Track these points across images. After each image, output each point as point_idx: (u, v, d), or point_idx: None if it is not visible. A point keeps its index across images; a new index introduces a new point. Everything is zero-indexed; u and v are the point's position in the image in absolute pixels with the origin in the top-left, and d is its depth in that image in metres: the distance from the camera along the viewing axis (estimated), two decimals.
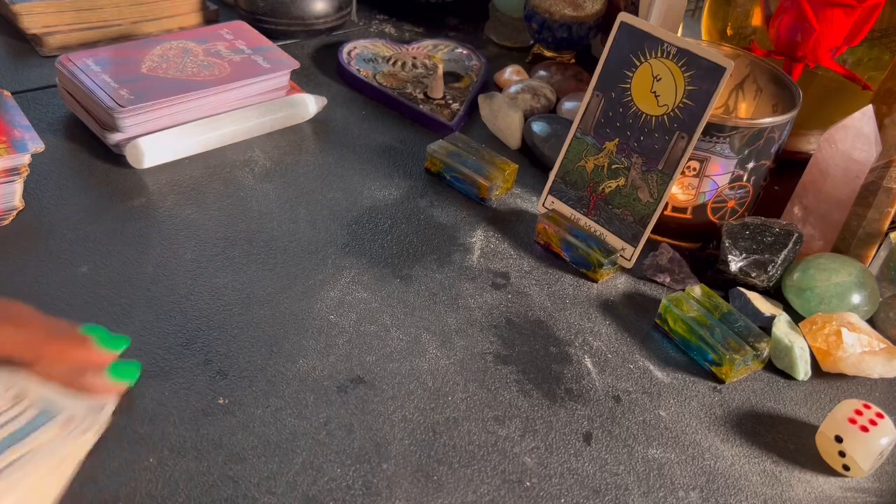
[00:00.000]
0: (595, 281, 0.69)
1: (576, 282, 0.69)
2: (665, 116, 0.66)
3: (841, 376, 0.63)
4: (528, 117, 0.86)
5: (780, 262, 0.68)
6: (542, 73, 0.94)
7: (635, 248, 0.69)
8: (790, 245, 0.68)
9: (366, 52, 0.95)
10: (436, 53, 0.97)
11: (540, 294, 0.67)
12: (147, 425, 0.51)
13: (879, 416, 0.55)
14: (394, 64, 0.94)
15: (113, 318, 0.58)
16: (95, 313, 0.58)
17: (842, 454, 0.55)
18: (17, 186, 0.65)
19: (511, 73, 0.95)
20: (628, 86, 0.68)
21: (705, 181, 0.69)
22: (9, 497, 0.23)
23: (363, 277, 0.65)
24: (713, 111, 0.64)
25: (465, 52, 0.99)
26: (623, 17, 0.68)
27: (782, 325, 0.64)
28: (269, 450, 0.51)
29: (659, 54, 0.66)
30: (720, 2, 0.88)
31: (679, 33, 0.86)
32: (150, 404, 0.52)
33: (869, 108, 0.68)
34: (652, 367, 0.61)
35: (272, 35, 0.94)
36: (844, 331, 0.62)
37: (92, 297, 0.59)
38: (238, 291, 0.62)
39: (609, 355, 0.62)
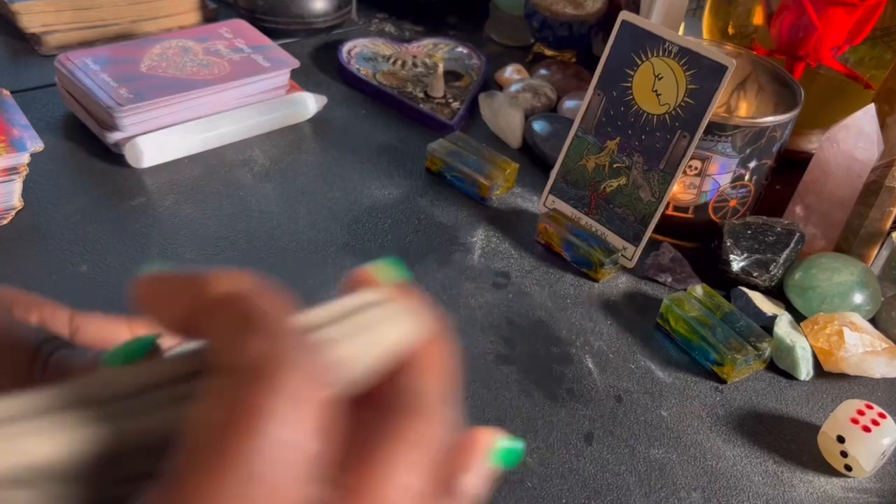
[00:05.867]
0: (596, 280, 0.69)
1: (577, 281, 0.68)
2: (666, 115, 0.66)
3: (843, 376, 0.63)
4: (528, 116, 0.85)
5: (781, 261, 0.68)
6: (542, 71, 0.94)
7: (637, 247, 0.69)
8: (792, 244, 0.68)
9: (366, 51, 0.95)
10: (436, 52, 0.97)
11: (541, 294, 0.66)
12: None
13: (882, 416, 0.55)
14: (394, 63, 0.94)
15: None
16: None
17: (844, 454, 0.54)
18: (17, 185, 0.65)
19: (512, 72, 0.95)
20: (630, 85, 0.68)
21: (707, 180, 0.69)
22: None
23: None
24: (715, 110, 0.64)
25: (465, 50, 0.98)
26: (624, 15, 0.67)
27: (784, 325, 0.63)
28: None
29: (660, 53, 0.66)
30: (721, 0, 0.88)
31: (680, 32, 0.86)
32: None
33: (871, 108, 0.68)
34: (653, 367, 0.61)
35: (272, 34, 0.93)
36: (846, 330, 0.62)
37: (92, 297, 0.59)
38: None
39: (610, 355, 0.62)
